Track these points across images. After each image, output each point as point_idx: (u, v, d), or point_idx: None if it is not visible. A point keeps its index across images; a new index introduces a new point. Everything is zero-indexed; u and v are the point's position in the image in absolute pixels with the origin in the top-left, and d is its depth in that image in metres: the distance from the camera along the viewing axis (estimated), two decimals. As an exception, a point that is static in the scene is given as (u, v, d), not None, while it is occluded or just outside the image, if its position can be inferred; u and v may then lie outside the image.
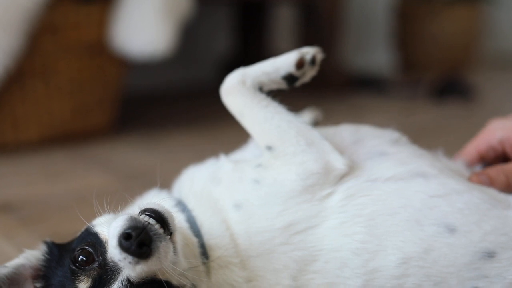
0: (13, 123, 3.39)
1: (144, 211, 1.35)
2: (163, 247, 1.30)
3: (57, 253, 1.46)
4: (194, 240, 1.51)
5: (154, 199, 1.63)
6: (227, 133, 1.65)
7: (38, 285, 1.44)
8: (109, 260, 1.31)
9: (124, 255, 1.27)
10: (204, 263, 1.48)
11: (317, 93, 4.45)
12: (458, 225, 1.45)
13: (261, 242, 1.47)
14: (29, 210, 2.48)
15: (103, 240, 1.36)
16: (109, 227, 1.33)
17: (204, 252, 1.49)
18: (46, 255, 1.47)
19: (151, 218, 1.33)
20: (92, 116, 3.68)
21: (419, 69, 5.43)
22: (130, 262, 1.27)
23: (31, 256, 1.46)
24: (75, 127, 3.60)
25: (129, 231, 1.27)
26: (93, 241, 1.37)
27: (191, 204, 1.57)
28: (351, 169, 1.53)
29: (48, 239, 1.51)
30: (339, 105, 4.39)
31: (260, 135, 1.59)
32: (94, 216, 1.47)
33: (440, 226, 1.45)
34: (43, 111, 3.46)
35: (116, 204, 1.46)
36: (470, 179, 1.57)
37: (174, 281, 1.36)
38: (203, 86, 5.19)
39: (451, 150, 1.77)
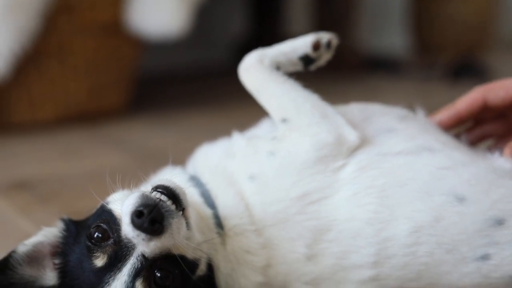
0: (30, 102, 3.43)
1: (156, 188, 1.36)
2: (175, 223, 1.32)
3: (74, 230, 1.49)
4: (209, 212, 1.54)
5: (167, 176, 1.66)
6: (241, 113, 1.67)
7: (56, 261, 1.46)
8: (124, 237, 1.34)
9: (137, 232, 1.30)
10: (219, 234, 1.51)
11: (333, 75, 4.45)
12: (466, 194, 1.49)
13: (276, 212, 1.50)
14: (46, 188, 2.52)
15: (117, 217, 1.38)
16: (122, 205, 1.35)
17: (218, 222, 1.52)
18: (64, 232, 1.49)
19: (162, 195, 1.35)
20: (108, 96, 3.70)
21: (435, 51, 5.39)
22: (143, 239, 1.30)
23: (49, 233, 1.49)
24: (91, 106, 3.63)
25: (141, 208, 1.29)
26: (107, 218, 1.39)
27: (205, 179, 1.60)
28: (363, 143, 1.56)
29: (65, 216, 1.53)
30: (354, 86, 4.38)
31: (275, 109, 1.62)
32: (109, 194, 1.49)
33: (449, 195, 1.49)
34: (59, 90, 3.49)
35: (131, 182, 1.48)
36: (505, 153, 1.58)
37: (189, 255, 1.39)
38: (218, 67, 5.20)
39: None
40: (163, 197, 1.35)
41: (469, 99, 1.69)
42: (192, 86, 4.68)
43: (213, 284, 1.50)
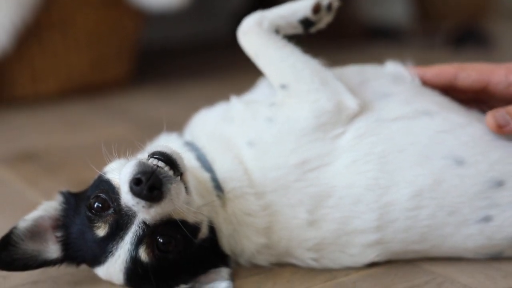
0: (32, 75, 3.43)
1: (153, 155, 1.37)
2: (174, 189, 1.34)
3: (74, 202, 1.50)
4: (206, 175, 1.55)
5: (163, 142, 1.67)
6: (242, 83, 1.68)
7: (58, 234, 1.48)
8: (124, 205, 1.35)
9: (137, 200, 1.31)
10: (219, 197, 1.52)
11: (334, 44, 4.44)
12: (465, 156, 1.51)
13: (275, 178, 1.51)
14: (52, 159, 2.54)
15: (115, 186, 1.39)
16: (120, 174, 1.36)
17: (217, 185, 1.53)
18: (63, 205, 1.51)
19: (160, 161, 1.36)
20: (110, 68, 3.71)
21: (437, 18, 5.36)
22: (143, 206, 1.31)
23: (49, 207, 1.51)
24: (94, 79, 3.63)
25: (139, 176, 1.30)
26: (106, 188, 1.40)
27: (201, 143, 1.60)
28: (362, 110, 1.56)
29: (64, 189, 1.54)
30: (356, 55, 4.38)
31: (274, 74, 1.61)
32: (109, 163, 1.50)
33: (448, 159, 1.50)
34: (62, 63, 3.50)
35: (127, 151, 1.48)
36: (487, 122, 1.56)
37: (190, 219, 1.41)
38: (219, 39, 5.19)
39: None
40: (160, 163, 1.35)
41: (440, 69, 1.66)
42: (194, 58, 4.67)
43: (217, 246, 1.52)
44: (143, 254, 1.36)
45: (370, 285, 1.50)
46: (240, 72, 3.37)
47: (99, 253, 1.40)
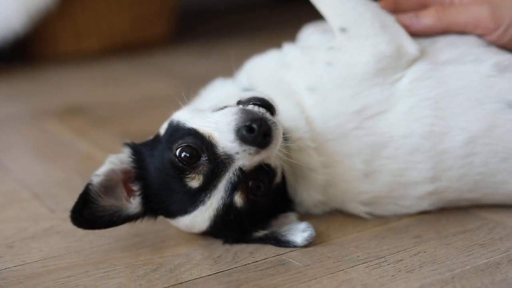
0: (75, 33, 3.47)
1: (250, 101, 1.37)
2: (278, 134, 1.35)
3: (144, 153, 1.46)
4: None
5: (220, 89, 1.67)
6: (279, 42, 1.67)
7: (135, 188, 1.45)
8: (222, 153, 1.33)
9: (245, 147, 1.30)
10: (285, 145, 1.50)
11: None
12: None
13: (336, 126, 1.51)
14: (98, 112, 2.58)
15: (205, 135, 1.36)
16: (211, 122, 1.35)
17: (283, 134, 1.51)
18: (133, 157, 1.46)
19: (260, 108, 1.35)
20: (151, 27, 3.72)
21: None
22: (250, 153, 1.31)
23: (117, 160, 1.45)
24: (135, 37, 3.65)
25: (248, 123, 1.29)
26: (193, 137, 1.37)
27: (261, 90, 1.57)
28: (421, 55, 1.54)
29: (128, 141, 1.50)
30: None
31: (334, 17, 1.59)
32: (161, 117, 1.50)
33: (501, 103, 1.49)
34: (103, 21, 3.52)
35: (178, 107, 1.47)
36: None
37: (272, 164, 1.41)
38: (258, 0, 5.16)
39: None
40: (262, 109, 1.35)
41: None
42: (232, 18, 4.66)
43: (285, 192, 1.53)
44: (238, 200, 1.36)
45: (422, 229, 1.52)
46: (277, 31, 3.36)
47: (188, 204, 1.38)
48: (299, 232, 1.43)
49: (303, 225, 1.45)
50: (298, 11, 4.38)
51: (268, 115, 1.34)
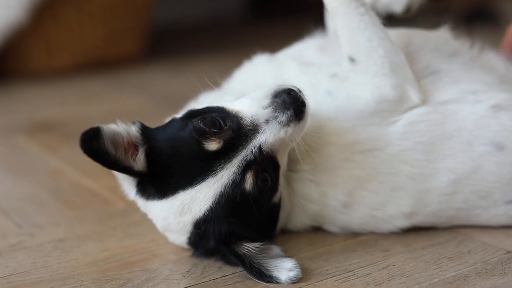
0: (47, 49, 3.46)
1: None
2: (308, 115, 1.37)
3: (152, 130, 1.42)
4: None
5: (209, 98, 1.62)
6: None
7: (141, 151, 1.38)
8: (248, 123, 1.34)
9: (279, 112, 1.32)
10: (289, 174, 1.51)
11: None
12: (506, 142, 1.51)
13: (327, 155, 1.49)
14: (69, 128, 2.56)
15: (231, 111, 1.36)
16: (242, 99, 1.38)
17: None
18: (140, 131, 1.40)
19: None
20: (124, 43, 3.72)
21: (447, -2, 5.35)
22: (280, 122, 1.32)
23: (124, 130, 1.39)
24: (107, 54, 3.65)
25: (288, 90, 1.33)
26: (219, 111, 1.37)
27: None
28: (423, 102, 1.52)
29: (137, 119, 1.44)
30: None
31: (347, 42, 1.56)
32: None
33: (490, 145, 1.51)
34: (76, 37, 3.52)
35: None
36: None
37: (282, 167, 1.42)
38: (232, 17, 5.19)
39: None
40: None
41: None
42: (205, 35, 4.68)
43: (277, 218, 1.49)
44: (248, 180, 1.34)
45: (391, 243, 1.53)
46: (249, 48, 3.37)
47: (198, 171, 1.34)
48: (285, 270, 1.36)
49: (290, 264, 1.37)
50: (271, 27, 4.43)
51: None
